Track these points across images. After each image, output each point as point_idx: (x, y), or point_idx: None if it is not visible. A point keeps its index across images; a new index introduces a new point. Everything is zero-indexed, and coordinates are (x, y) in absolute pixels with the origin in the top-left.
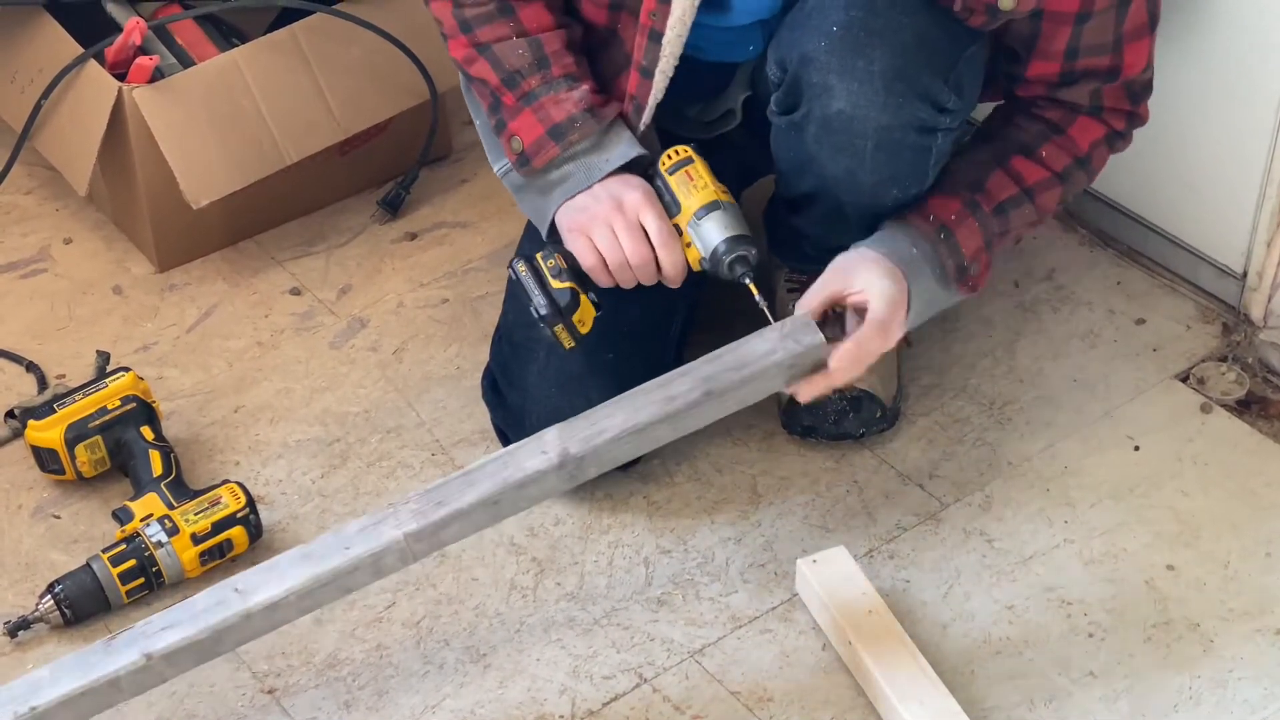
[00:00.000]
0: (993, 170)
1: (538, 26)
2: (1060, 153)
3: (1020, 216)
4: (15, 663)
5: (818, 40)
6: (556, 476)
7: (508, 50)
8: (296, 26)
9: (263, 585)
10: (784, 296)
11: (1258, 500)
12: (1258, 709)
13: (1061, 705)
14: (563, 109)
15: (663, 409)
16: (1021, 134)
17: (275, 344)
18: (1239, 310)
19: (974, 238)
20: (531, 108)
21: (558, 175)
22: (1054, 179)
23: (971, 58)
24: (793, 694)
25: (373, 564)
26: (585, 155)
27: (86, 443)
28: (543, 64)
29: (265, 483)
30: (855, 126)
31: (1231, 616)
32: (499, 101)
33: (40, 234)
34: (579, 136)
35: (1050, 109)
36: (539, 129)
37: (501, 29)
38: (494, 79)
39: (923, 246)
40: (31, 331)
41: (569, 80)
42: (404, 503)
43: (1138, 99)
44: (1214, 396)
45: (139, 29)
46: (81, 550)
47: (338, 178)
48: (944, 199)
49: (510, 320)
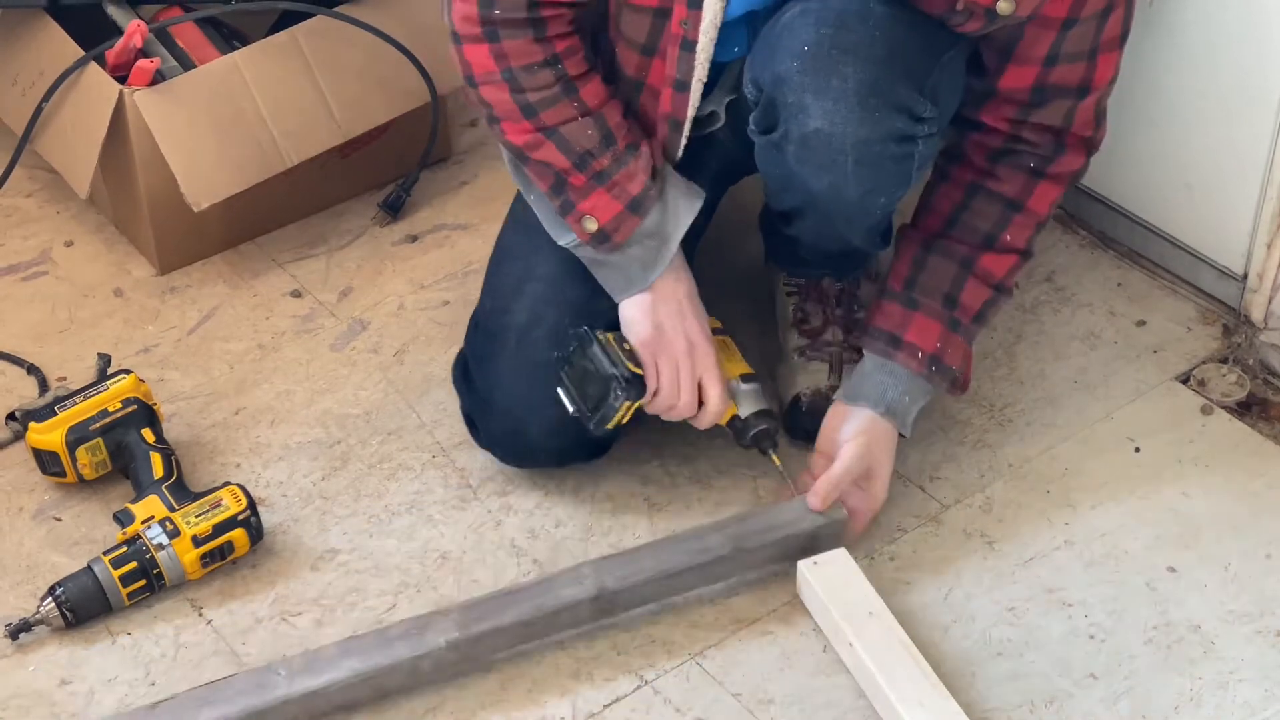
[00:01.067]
0: (964, 279)
1: (599, 102)
2: (1023, 229)
3: (996, 309)
4: (16, 665)
5: (789, 60)
6: (590, 607)
7: (576, 132)
8: (297, 29)
9: (306, 672)
10: (783, 300)
11: (1258, 502)
12: (1258, 710)
13: (1062, 707)
14: (637, 182)
15: (694, 559)
16: (982, 222)
17: (276, 346)
18: (1239, 312)
19: (959, 352)
20: (605, 186)
21: (636, 250)
22: (1020, 257)
23: (949, 62)
24: (793, 696)
25: (411, 666)
26: (662, 222)
27: (88, 445)
28: (609, 140)
29: (266, 485)
30: (834, 144)
31: (1232, 618)
32: (565, 183)
33: (41, 237)
34: (652, 201)
35: (1008, 173)
36: (617, 206)
37: (567, 110)
38: (563, 162)
39: (916, 389)
40: (33, 334)
41: (632, 150)
42: (446, 613)
43: (1100, 121)
44: (1215, 398)
45: (140, 31)
46: (83, 552)
47: (338, 180)
48: (925, 324)
49: (486, 307)
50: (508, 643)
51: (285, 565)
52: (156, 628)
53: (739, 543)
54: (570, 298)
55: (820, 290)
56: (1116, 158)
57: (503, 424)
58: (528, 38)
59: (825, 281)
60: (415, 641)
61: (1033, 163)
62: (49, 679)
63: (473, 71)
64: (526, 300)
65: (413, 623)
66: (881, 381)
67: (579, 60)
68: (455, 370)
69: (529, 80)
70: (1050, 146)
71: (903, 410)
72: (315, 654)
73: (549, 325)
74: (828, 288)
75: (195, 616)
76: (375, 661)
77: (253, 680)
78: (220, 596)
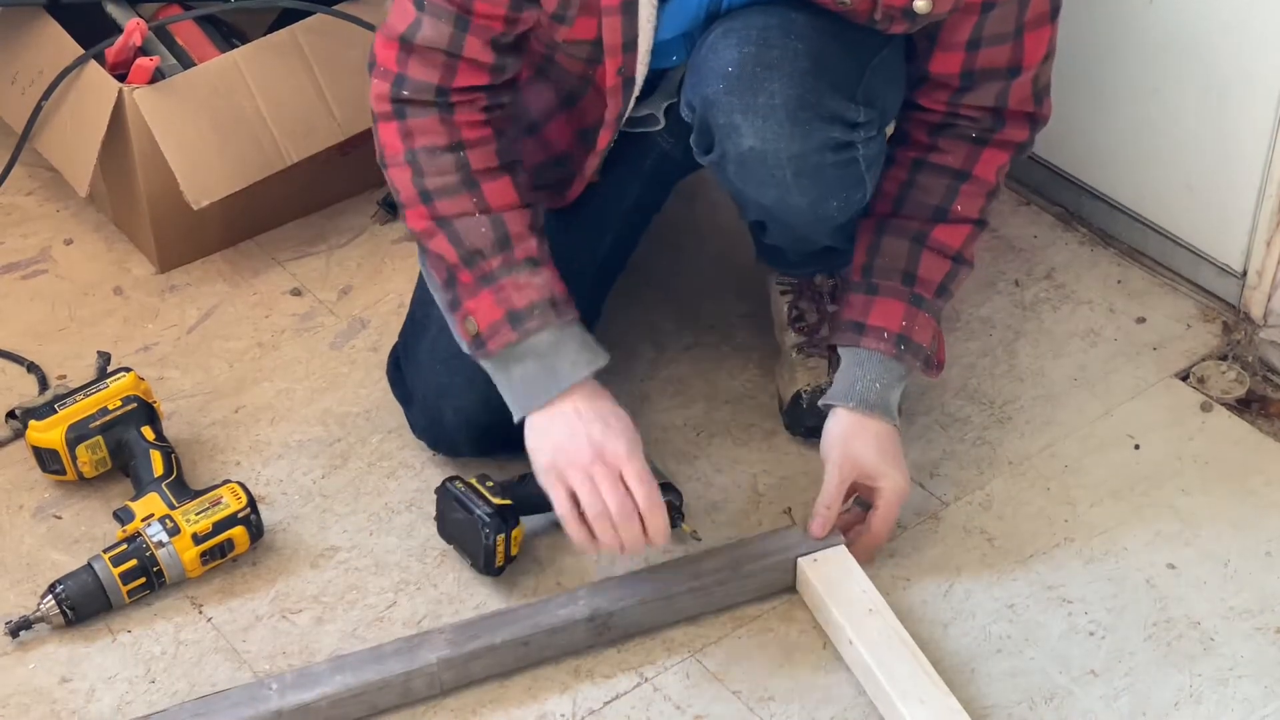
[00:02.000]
0: (919, 253)
1: (501, 204)
2: (973, 198)
3: (957, 281)
4: (16, 662)
5: (716, 82)
6: (585, 629)
7: (469, 227)
8: (297, 27)
9: (297, 687)
10: (777, 299)
11: (1258, 499)
12: (1258, 707)
13: (1062, 704)
14: (524, 295)
15: (689, 583)
16: (930, 197)
17: (276, 344)
18: (1239, 309)
19: (928, 329)
20: (491, 289)
21: (519, 370)
22: (975, 226)
23: (882, 63)
24: (794, 693)
25: (403, 684)
26: (547, 356)
27: (87, 443)
28: (505, 244)
29: (266, 483)
30: (769, 160)
31: (1232, 615)
32: (455, 278)
33: (41, 235)
34: (537, 325)
35: (950, 144)
36: (497, 312)
37: (464, 203)
38: (453, 256)
39: (890, 373)
40: (32, 332)
41: (530, 264)
42: (440, 631)
43: (1041, 98)
44: (1214, 395)
45: (139, 30)
46: (83, 550)
47: (338, 178)
48: (886, 305)
49: (416, 297)
50: (501, 663)
51: (285, 563)
52: (156, 625)
53: (736, 567)
54: None
55: (813, 287)
56: (1116, 155)
57: (424, 413)
58: (434, 117)
59: (817, 278)
60: (408, 658)
61: (974, 133)
62: (49, 677)
63: (384, 152)
64: None
65: (405, 640)
66: (851, 375)
67: (487, 154)
68: (390, 360)
69: (429, 164)
70: (989, 120)
71: (877, 398)
72: (307, 669)
73: None
74: (820, 284)
75: (195, 614)
76: (367, 677)
77: (245, 694)
78: (220, 594)
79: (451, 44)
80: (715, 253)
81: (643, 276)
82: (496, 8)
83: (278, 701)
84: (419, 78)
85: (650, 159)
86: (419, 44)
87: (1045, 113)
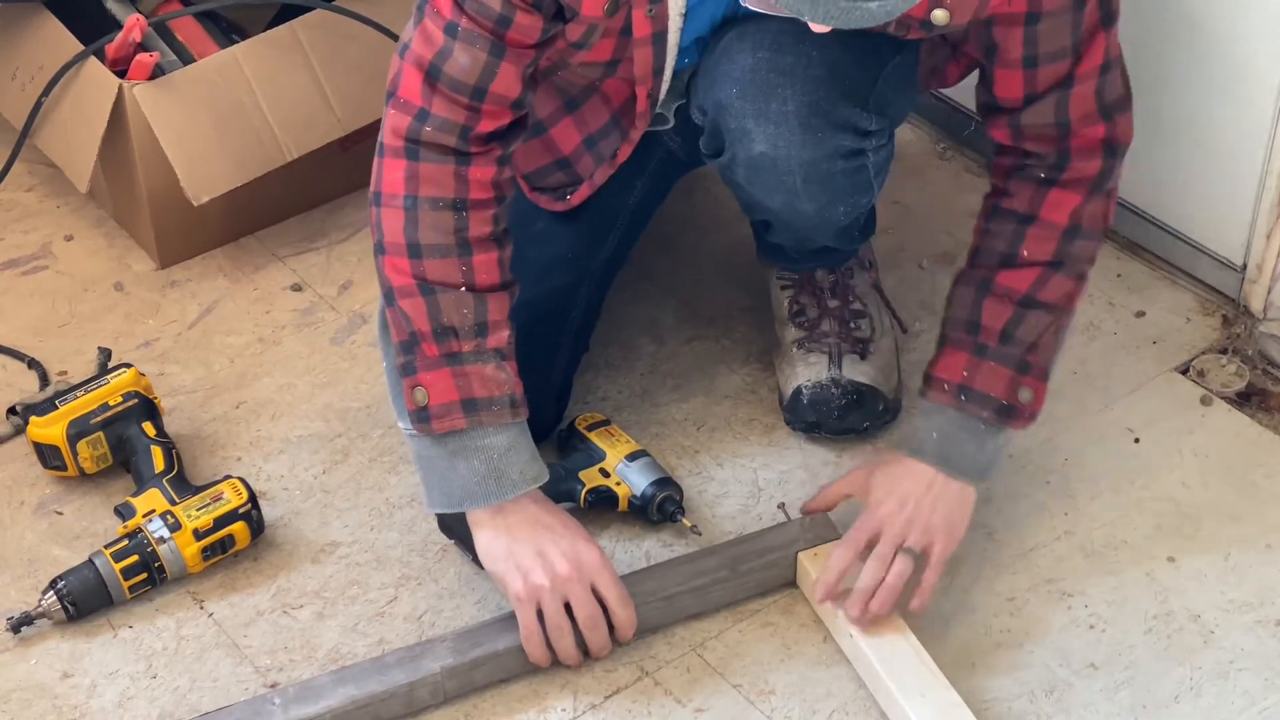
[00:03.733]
0: (982, 300)
1: (487, 282)
2: (1042, 241)
3: (1033, 327)
4: (18, 658)
5: (729, 87)
6: None
7: (451, 303)
8: (296, 23)
9: (300, 701)
10: (778, 294)
11: (1258, 492)
12: (1258, 699)
13: (1062, 697)
14: (486, 387)
15: (690, 582)
16: (999, 243)
17: (277, 340)
18: (1239, 302)
19: (998, 378)
20: (453, 370)
21: (463, 465)
22: (1047, 270)
23: (895, 70)
24: (794, 686)
25: (407, 694)
26: (498, 459)
27: (88, 439)
28: (481, 331)
29: (267, 478)
30: (779, 166)
31: (1232, 608)
32: (417, 346)
33: (41, 231)
34: (492, 420)
35: (1018, 187)
36: (453, 394)
37: (453, 271)
38: (424, 325)
39: (951, 423)
40: (33, 328)
41: (499, 356)
42: (442, 640)
43: (1110, 115)
44: (1214, 389)
45: (139, 26)
46: (84, 546)
47: (338, 174)
48: (951, 356)
49: None
50: (504, 669)
51: (286, 558)
52: (158, 621)
53: (735, 565)
54: None
55: (814, 282)
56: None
57: None
58: (448, 168)
59: (818, 273)
60: (411, 668)
61: (1041, 173)
62: (50, 672)
63: (381, 190)
64: None
65: (408, 650)
66: (915, 425)
67: (486, 219)
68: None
69: (428, 217)
70: (1054, 154)
71: (934, 448)
72: (309, 682)
73: None
74: (821, 279)
75: (197, 609)
76: (371, 689)
77: (248, 709)
78: (222, 589)
79: (484, 73)
80: (715, 247)
81: (642, 271)
82: (529, 35)
83: (281, 716)
84: (444, 115)
85: (656, 158)
86: (447, 74)
87: (1118, 135)
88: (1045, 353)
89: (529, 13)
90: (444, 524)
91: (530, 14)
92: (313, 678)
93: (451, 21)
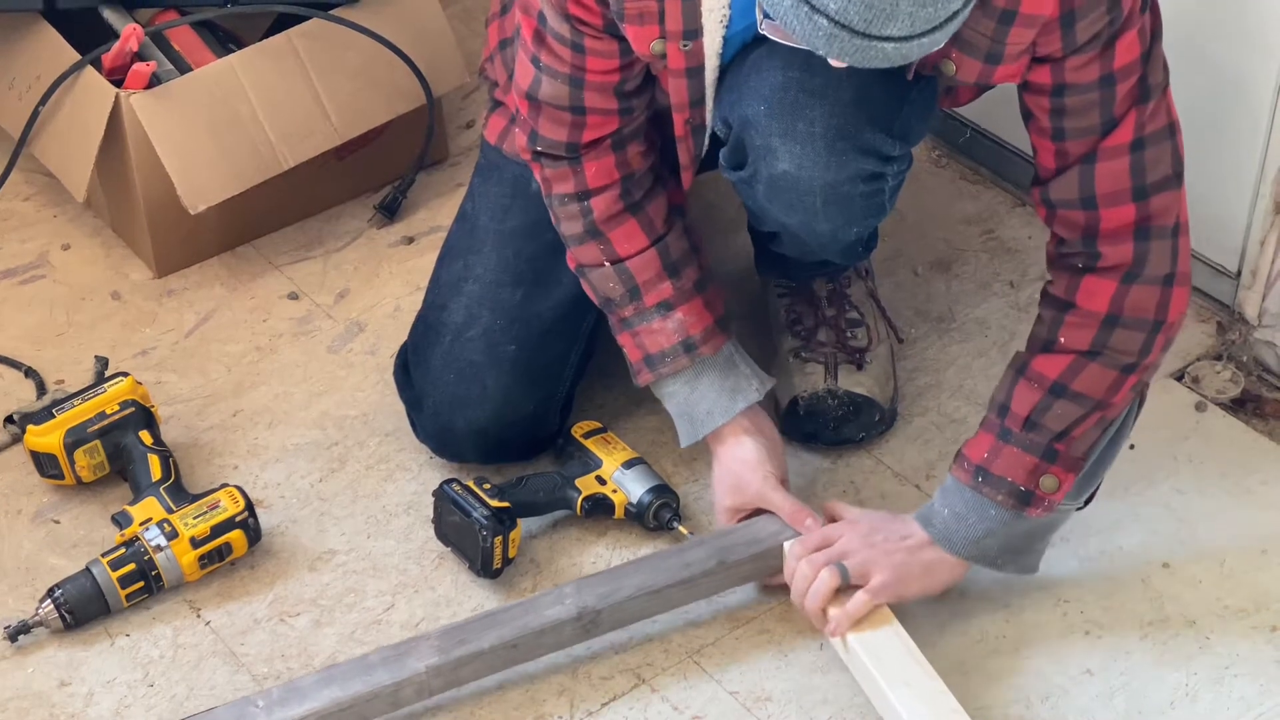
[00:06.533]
0: (1014, 384)
1: (629, 251)
2: (1078, 329)
3: (1061, 416)
4: (15, 666)
5: (757, 103)
6: (573, 628)
7: (601, 279)
8: (293, 32)
9: (284, 703)
10: (775, 302)
11: (1253, 498)
12: (1254, 705)
13: (1058, 703)
14: (655, 340)
15: (678, 574)
16: (1040, 328)
17: (273, 348)
18: (1233, 309)
19: (1018, 463)
20: (629, 333)
21: (671, 407)
22: (1081, 358)
23: (919, 95)
24: (791, 693)
25: (392, 694)
26: (685, 402)
27: (85, 447)
28: (634, 295)
29: (264, 486)
30: (801, 186)
31: (1227, 614)
32: (606, 315)
33: (39, 240)
34: (670, 370)
35: (1058, 274)
36: (636, 354)
37: (593, 252)
38: (596, 299)
39: (965, 503)
40: (30, 337)
41: (662, 309)
42: (426, 638)
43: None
44: (1209, 395)
45: (136, 35)
46: (81, 554)
47: (335, 182)
48: (980, 437)
49: (429, 301)
50: (490, 666)
51: (283, 566)
52: (155, 629)
53: (722, 556)
54: (504, 301)
55: (811, 292)
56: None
57: (434, 419)
58: (565, 169)
59: (816, 282)
60: (395, 667)
61: (1080, 261)
62: (48, 680)
63: (541, 190)
64: (463, 300)
65: (392, 649)
66: (933, 497)
67: (611, 200)
68: (396, 361)
69: (563, 211)
70: (1081, 239)
71: (940, 523)
72: (294, 683)
73: (483, 326)
74: (818, 289)
75: (193, 618)
76: (355, 690)
77: (231, 712)
78: (218, 598)
79: (572, 100)
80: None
81: None
82: (609, 62)
83: (264, 718)
84: (549, 135)
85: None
86: (543, 100)
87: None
88: (1079, 444)
89: (599, 38)
90: (440, 532)
91: (600, 39)
92: (297, 679)
93: (534, 55)
